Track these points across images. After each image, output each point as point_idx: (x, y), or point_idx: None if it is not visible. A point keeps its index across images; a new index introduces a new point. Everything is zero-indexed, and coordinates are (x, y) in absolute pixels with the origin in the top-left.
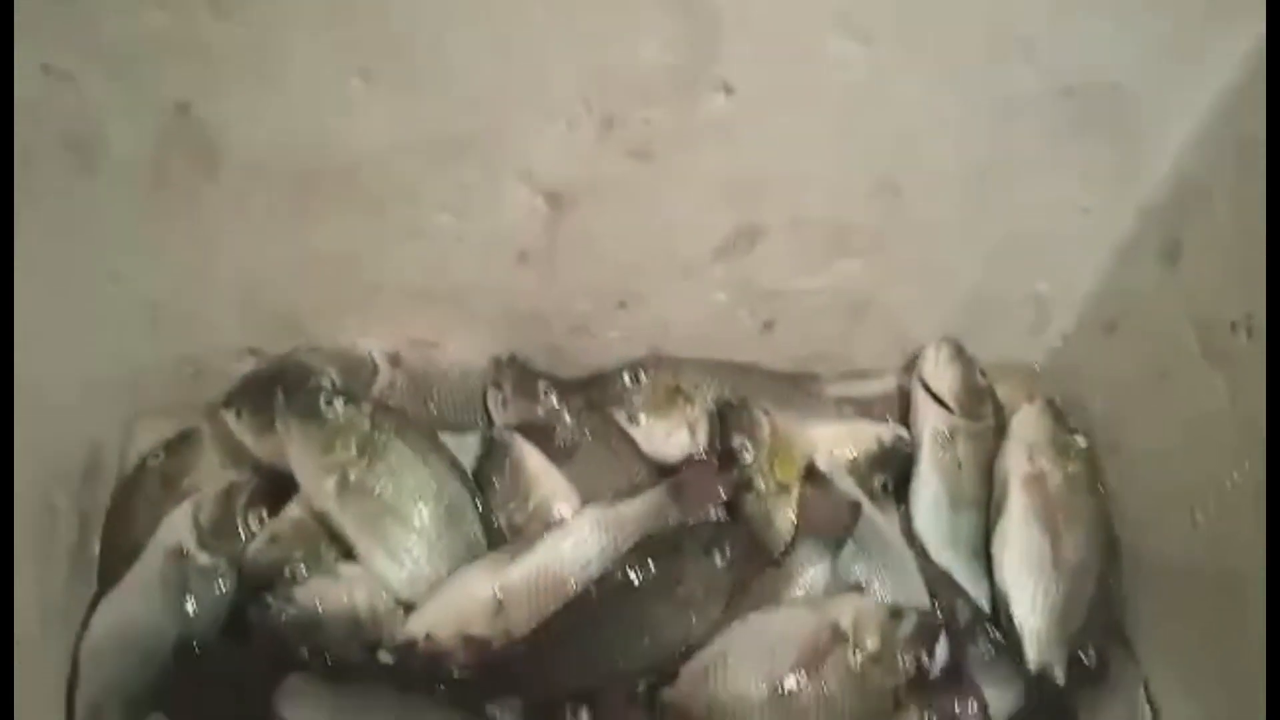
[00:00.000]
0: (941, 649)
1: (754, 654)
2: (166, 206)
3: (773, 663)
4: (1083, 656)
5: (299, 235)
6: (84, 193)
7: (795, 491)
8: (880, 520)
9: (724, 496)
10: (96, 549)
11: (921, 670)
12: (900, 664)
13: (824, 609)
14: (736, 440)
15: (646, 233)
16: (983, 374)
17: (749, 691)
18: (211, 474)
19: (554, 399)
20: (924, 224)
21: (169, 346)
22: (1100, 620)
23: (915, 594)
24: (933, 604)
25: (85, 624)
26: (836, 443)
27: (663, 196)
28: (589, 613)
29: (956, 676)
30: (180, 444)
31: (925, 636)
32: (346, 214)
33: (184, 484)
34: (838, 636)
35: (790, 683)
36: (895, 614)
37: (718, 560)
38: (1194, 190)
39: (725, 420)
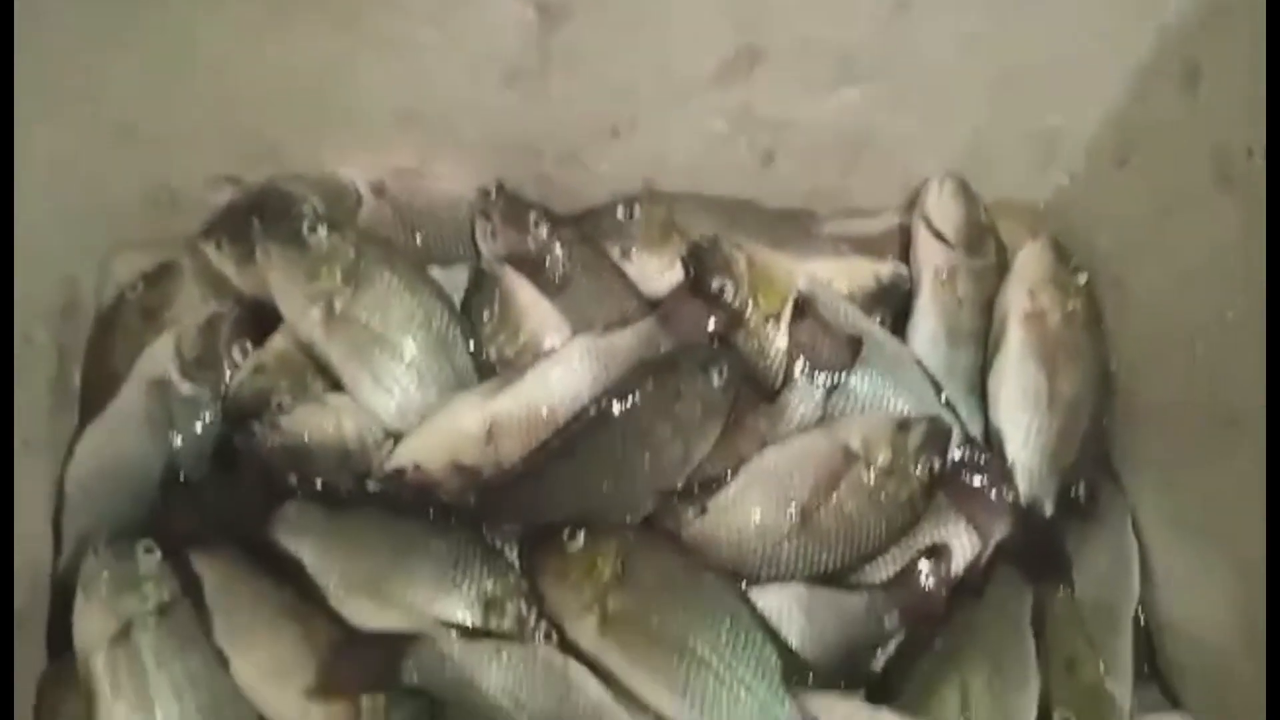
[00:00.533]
0: (955, 450)
1: (772, 485)
2: (135, 19)
3: (790, 492)
4: (1073, 491)
5: (273, 50)
6: (50, 7)
7: (784, 318)
8: (880, 333)
9: (712, 325)
10: (77, 381)
11: (935, 476)
12: (913, 473)
13: (833, 432)
14: (715, 281)
15: (642, 51)
16: (986, 211)
17: (771, 522)
18: (192, 307)
19: (544, 231)
20: (932, 47)
21: (142, 173)
22: (1091, 456)
23: (925, 402)
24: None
25: (69, 455)
26: (834, 280)
27: (660, 11)
28: (584, 436)
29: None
30: (159, 277)
31: (936, 442)
32: (321, 25)
33: (164, 317)
34: (849, 457)
35: (809, 509)
36: (903, 425)
37: (715, 379)
38: (1215, 7)
39: (700, 262)
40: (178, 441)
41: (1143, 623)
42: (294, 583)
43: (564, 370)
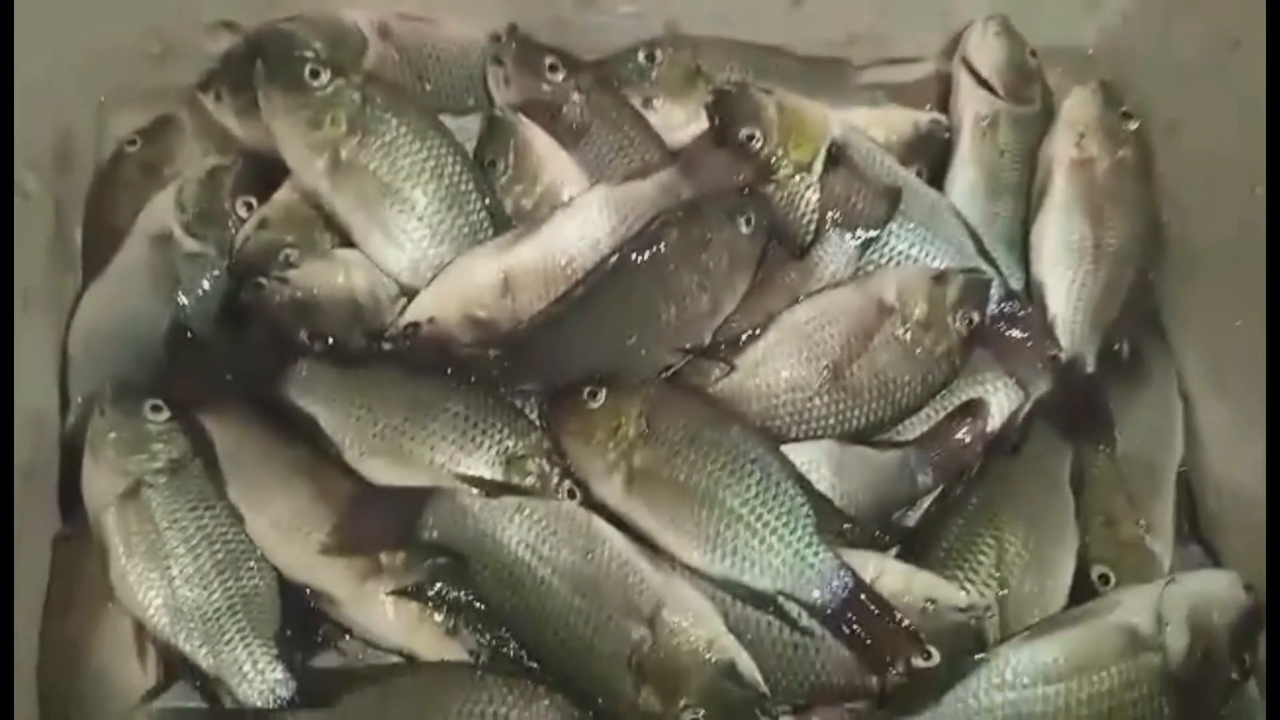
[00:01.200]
0: (994, 304)
1: (803, 341)
2: None
3: (822, 346)
4: (1116, 347)
5: None
6: None
7: (816, 169)
8: (917, 184)
9: (740, 177)
10: (78, 238)
11: (973, 330)
12: (951, 326)
13: (867, 285)
14: (743, 130)
15: None
16: (1033, 54)
17: (802, 376)
18: (194, 162)
19: (561, 76)
20: None
21: (133, 15)
22: (1137, 312)
23: (964, 255)
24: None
25: (72, 314)
26: (869, 128)
27: None
28: (605, 287)
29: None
30: (158, 130)
31: (974, 295)
32: None
33: (165, 172)
34: (884, 310)
35: (841, 364)
36: (940, 278)
37: (743, 227)
38: None
39: (725, 110)
40: (183, 299)
41: (1187, 481)
42: (307, 440)
43: (582, 220)
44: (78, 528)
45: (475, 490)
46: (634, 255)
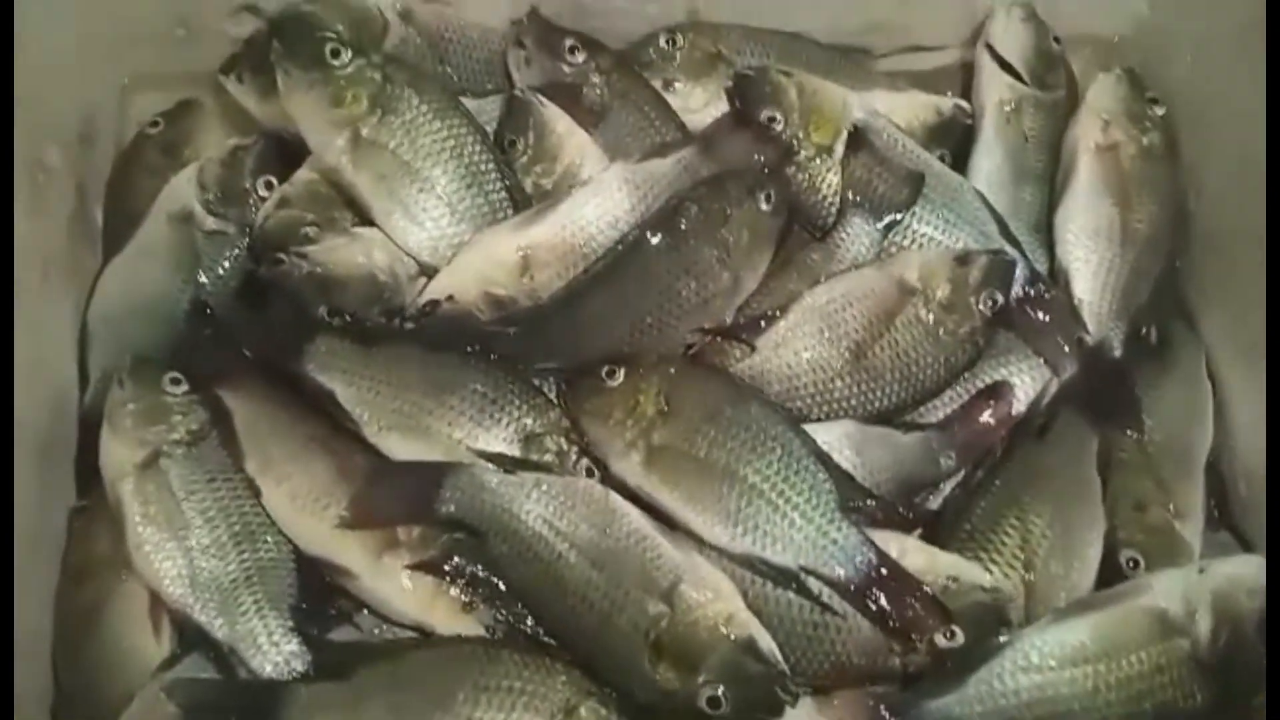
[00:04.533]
0: (1018, 286)
1: (824, 321)
2: None
3: (844, 327)
4: (1144, 332)
5: None
6: None
7: (837, 151)
8: (939, 167)
9: (761, 158)
10: (98, 217)
11: (997, 312)
12: (974, 308)
13: (888, 267)
14: (763, 111)
15: None
16: (1057, 40)
17: (823, 357)
18: (215, 144)
19: (581, 58)
20: None
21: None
22: (1165, 297)
23: (988, 237)
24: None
25: (92, 290)
26: (891, 112)
27: None
28: (624, 264)
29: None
30: (180, 113)
31: (998, 276)
32: None
33: (185, 154)
34: (907, 291)
35: (863, 345)
36: (964, 259)
37: (763, 204)
38: None
39: (745, 92)
40: (203, 276)
41: (1216, 467)
42: (325, 414)
43: (601, 198)
44: (94, 499)
45: (493, 466)
46: (653, 232)
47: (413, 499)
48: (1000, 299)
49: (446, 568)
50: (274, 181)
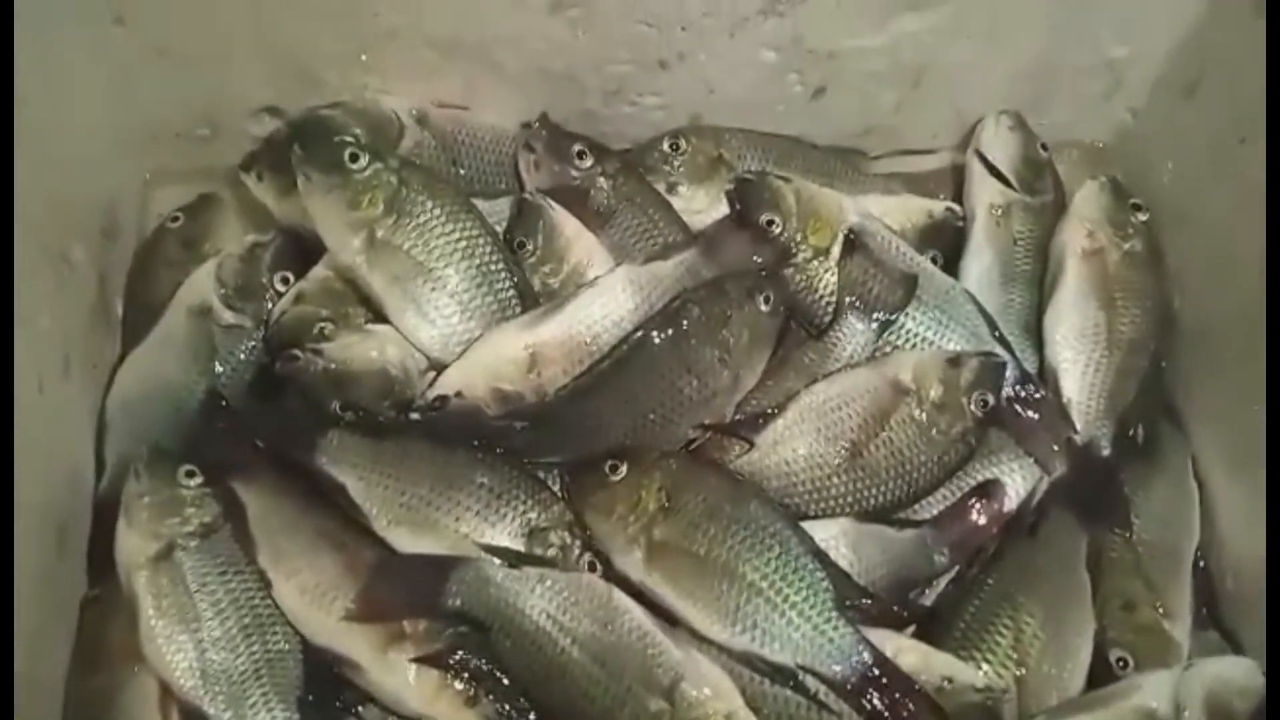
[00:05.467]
0: (1009, 387)
1: (821, 420)
2: None
3: (840, 426)
4: (1131, 432)
5: None
6: None
7: (834, 254)
8: (932, 269)
9: (759, 260)
10: (119, 309)
11: (989, 412)
12: (966, 408)
13: (883, 367)
14: (762, 215)
15: None
16: (1044, 147)
17: (820, 455)
18: (233, 239)
19: (588, 163)
20: None
21: (181, 100)
22: (1151, 397)
23: (979, 338)
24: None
25: (111, 380)
26: (885, 216)
27: None
28: (628, 361)
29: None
30: (200, 207)
31: (989, 377)
32: None
33: (205, 248)
34: (901, 391)
35: (859, 444)
36: (955, 360)
37: (762, 305)
38: None
39: (745, 196)
40: (219, 368)
41: (1203, 566)
42: (337, 508)
43: (607, 298)
44: (106, 588)
45: (498, 560)
46: (657, 331)
47: (418, 593)
48: (991, 400)
49: (451, 661)
50: (290, 277)
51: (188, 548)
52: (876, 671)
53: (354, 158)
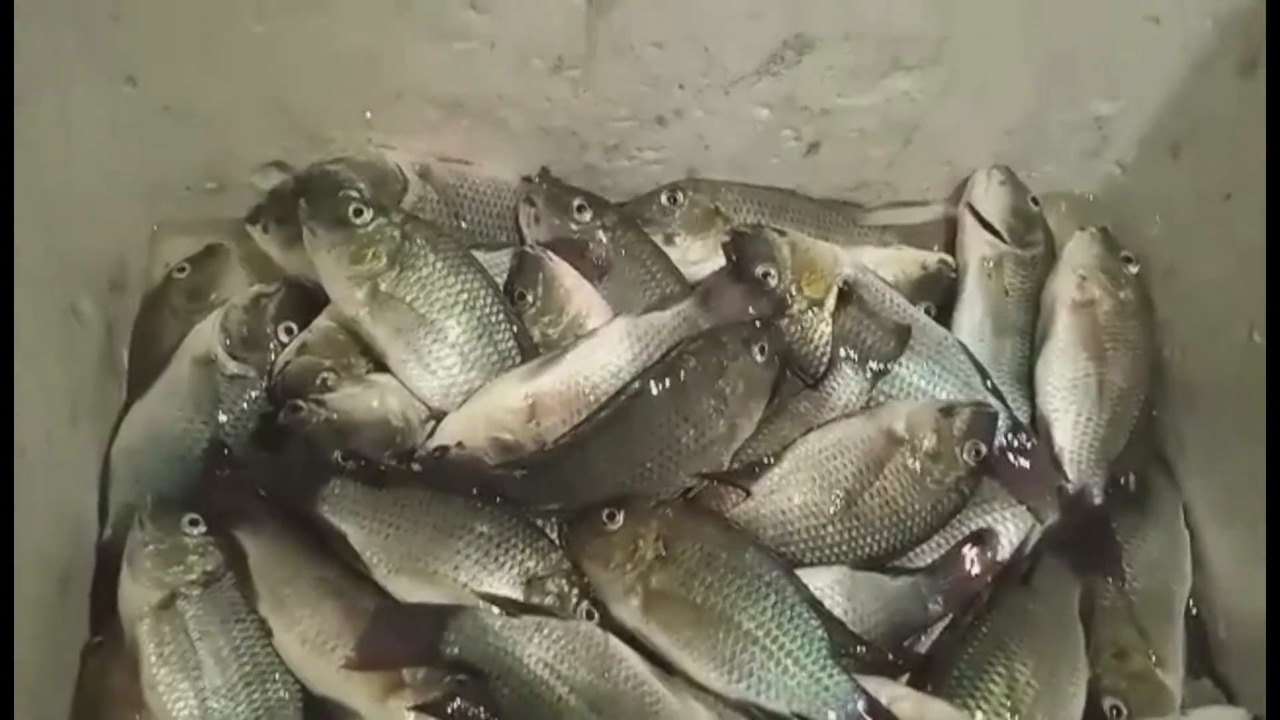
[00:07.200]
0: (1001, 436)
1: (816, 469)
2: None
3: (835, 475)
4: (1123, 481)
5: (319, 33)
6: None
7: (828, 305)
8: (925, 320)
9: (754, 311)
10: (124, 358)
11: (981, 461)
12: (959, 457)
13: (877, 417)
14: (758, 267)
15: (689, 40)
16: (1035, 201)
17: (815, 503)
18: (239, 289)
19: (587, 216)
20: (981, 35)
21: (190, 155)
22: (1142, 446)
23: (971, 388)
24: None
25: (115, 429)
26: (879, 267)
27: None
28: (626, 411)
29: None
30: (206, 258)
31: (982, 426)
32: (370, 10)
33: (210, 298)
34: (894, 441)
35: (854, 493)
36: (948, 410)
37: (758, 355)
38: None
39: (741, 249)
40: (223, 418)
41: (1195, 614)
42: (337, 557)
43: (605, 349)
44: (108, 636)
45: (496, 609)
46: (654, 381)
47: (417, 641)
48: (984, 449)
49: (450, 709)
50: (294, 328)
51: (190, 596)
52: (871, 719)
53: (358, 212)
